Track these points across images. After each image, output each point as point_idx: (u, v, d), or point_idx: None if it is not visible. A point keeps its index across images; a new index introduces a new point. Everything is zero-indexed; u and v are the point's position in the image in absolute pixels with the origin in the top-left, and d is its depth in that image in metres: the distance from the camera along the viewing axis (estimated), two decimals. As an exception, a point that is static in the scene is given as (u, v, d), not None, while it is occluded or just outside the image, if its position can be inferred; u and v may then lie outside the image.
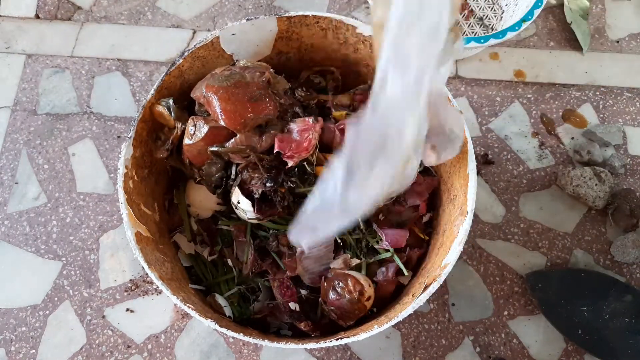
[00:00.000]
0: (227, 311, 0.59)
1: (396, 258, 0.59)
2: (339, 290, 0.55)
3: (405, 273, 0.59)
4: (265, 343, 0.48)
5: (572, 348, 0.69)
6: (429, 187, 0.63)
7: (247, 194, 0.56)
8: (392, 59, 0.28)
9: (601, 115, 0.82)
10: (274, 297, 0.61)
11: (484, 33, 0.87)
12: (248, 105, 0.53)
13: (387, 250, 0.59)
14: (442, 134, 0.44)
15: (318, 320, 0.59)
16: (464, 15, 0.86)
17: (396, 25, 0.27)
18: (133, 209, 0.54)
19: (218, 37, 0.60)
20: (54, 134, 0.81)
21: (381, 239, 0.59)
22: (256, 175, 0.55)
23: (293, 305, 0.57)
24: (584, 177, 0.74)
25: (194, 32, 0.89)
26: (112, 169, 0.79)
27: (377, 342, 0.69)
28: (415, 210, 0.63)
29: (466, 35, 0.85)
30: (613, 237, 0.75)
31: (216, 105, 0.54)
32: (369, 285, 0.56)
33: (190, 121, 0.56)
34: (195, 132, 0.55)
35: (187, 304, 0.49)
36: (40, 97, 0.84)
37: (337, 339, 0.49)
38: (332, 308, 0.55)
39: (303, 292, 0.59)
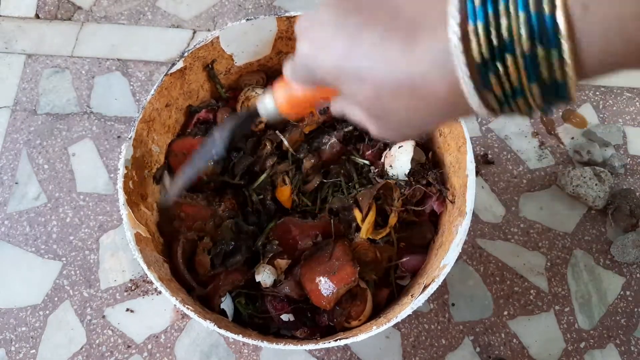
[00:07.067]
0: (226, 305, 0.58)
1: None
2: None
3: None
4: (264, 344, 0.48)
5: (572, 348, 0.69)
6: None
7: None
8: None
9: (601, 115, 0.82)
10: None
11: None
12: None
13: None
14: None
15: (315, 324, 0.58)
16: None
17: None
18: (133, 209, 0.54)
19: (218, 37, 0.60)
20: (54, 134, 0.81)
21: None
22: None
23: (286, 317, 0.56)
24: (584, 177, 0.74)
25: (194, 32, 0.89)
26: (112, 169, 0.79)
27: (377, 342, 0.69)
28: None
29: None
30: (613, 237, 0.74)
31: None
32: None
33: None
34: None
35: (186, 305, 0.49)
36: (40, 97, 0.84)
37: (336, 340, 0.49)
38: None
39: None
